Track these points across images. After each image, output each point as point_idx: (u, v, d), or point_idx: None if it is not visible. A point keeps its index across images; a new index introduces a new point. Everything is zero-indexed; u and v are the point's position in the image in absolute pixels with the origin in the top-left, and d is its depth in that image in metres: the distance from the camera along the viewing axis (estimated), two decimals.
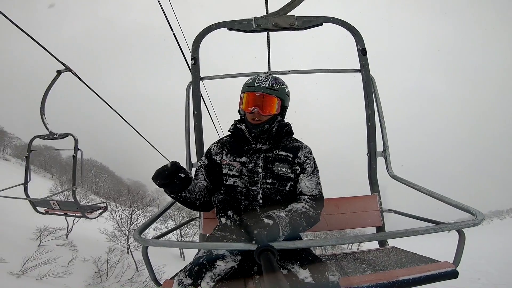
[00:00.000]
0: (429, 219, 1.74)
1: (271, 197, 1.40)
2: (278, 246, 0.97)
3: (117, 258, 16.02)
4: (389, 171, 2.00)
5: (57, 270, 12.99)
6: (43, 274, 12.43)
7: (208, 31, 2.13)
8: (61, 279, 12.82)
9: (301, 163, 1.48)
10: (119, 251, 17.16)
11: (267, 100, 1.45)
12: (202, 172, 1.55)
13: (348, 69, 2.27)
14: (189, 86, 2.18)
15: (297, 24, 2.05)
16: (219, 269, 1.13)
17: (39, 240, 15.40)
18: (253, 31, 2.10)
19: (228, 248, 1.18)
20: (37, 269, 12.45)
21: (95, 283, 14.51)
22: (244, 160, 1.46)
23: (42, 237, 15.39)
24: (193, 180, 1.36)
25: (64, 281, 12.85)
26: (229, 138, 1.60)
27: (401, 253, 1.75)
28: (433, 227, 1.14)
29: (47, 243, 15.14)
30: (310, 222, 1.31)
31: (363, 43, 2.10)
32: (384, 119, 2.09)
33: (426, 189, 1.62)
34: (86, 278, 14.47)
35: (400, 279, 1.30)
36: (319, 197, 1.42)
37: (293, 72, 2.26)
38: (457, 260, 1.35)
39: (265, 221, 1.10)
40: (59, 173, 61.63)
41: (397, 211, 2.06)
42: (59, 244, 15.59)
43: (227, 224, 1.43)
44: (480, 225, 1.18)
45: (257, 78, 1.49)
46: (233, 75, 2.30)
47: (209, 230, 1.93)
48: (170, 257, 21.46)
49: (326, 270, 1.16)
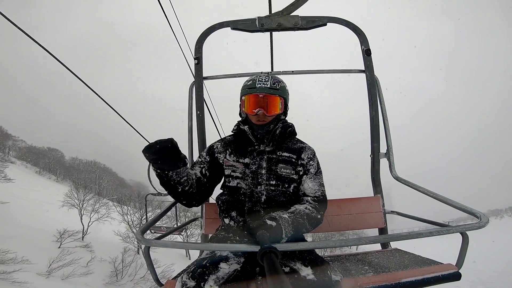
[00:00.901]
0: (433, 221, 1.73)
1: (275, 199, 1.40)
2: (281, 248, 0.97)
3: (131, 258, 17.17)
4: (392, 172, 1.99)
5: (78, 270, 14.02)
6: (66, 275, 13.38)
7: (211, 31, 2.11)
8: (83, 279, 13.87)
9: (304, 165, 1.47)
10: (133, 251, 18.37)
11: (271, 101, 1.44)
12: (200, 165, 1.49)
13: (352, 69, 2.25)
14: (192, 86, 2.17)
15: (301, 24, 2.04)
16: (222, 272, 1.13)
17: (59, 242, 16.51)
18: (256, 31, 2.08)
19: (231, 249, 1.17)
20: (61, 270, 13.43)
21: (112, 281, 15.51)
22: (248, 162, 1.45)
23: (62, 239, 16.58)
24: (186, 165, 1.29)
25: (85, 280, 13.91)
26: (232, 138, 1.59)
27: (403, 254, 1.74)
28: (436, 230, 1.13)
29: (66, 245, 16.32)
30: (313, 223, 1.31)
31: (367, 44, 2.09)
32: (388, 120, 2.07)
33: (429, 191, 1.61)
34: (104, 277, 15.49)
35: (403, 281, 1.29)
36: (322, 199, 1.42)
37: (296, 72, 2.25)
38: (460, 262, 1.34)
39: (268, 222, 1.10)
40: (63, 175, 63.62)
41: (400, 212, 2.05)
42: (78, 246, 16.83)
43: (230, 225, 1.43)
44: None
45: (257, 79, 1.47)
46: (235, 75, 2.29)
47: (211, 230, 1.93)
48: (177, 256, 22.21)
49: (328, 269, 1.16)
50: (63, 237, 16.57)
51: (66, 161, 72.39)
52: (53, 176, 62.05)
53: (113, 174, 73.97)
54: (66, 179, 62.55)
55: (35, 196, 27.64)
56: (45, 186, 29.97)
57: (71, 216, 19.97)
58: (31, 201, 25.28)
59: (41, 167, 60.37)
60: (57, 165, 66.63)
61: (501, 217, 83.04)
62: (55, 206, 24.06)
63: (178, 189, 1.31)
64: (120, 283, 15.63)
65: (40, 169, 60.00)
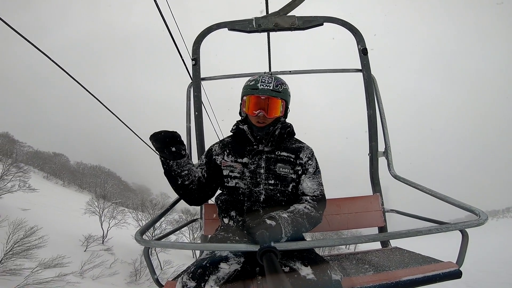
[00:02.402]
0: (432, 219, 1.73)
1: (274, 198, 1.40)
2: (280, 247, 0.97)
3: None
4: (391, 171, 1.99)
5: (104, 271, 16.53)
6: (96, 275, 15.83)
7: (208, 32, 2.12)
8: (109, 279, 16.41)
9: (303, 164, 1.47)
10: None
11: (273, 103, 1.44)
12: (200, 168, 1.54)
13: (349, 69, 2.26)
14: (189, 87, 2.17)
15: (297, 24, 2.05)
16: (223, 272, 1.12)
17: (85, 246, 19.31)
18: (253, 31, 2.09)
19: (230, 249, 1.17)
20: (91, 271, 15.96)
21: (132, 281, 17.95)
22: (246, 161, 1.45)
23: (88, 244, 19.42)
24: (188, 159, 1.38)
25: (111, 280, 16.48)
26: (231, 139, 1.59)
27: (403, 253, 1.74)
28: (436, 227, 1.13)
29: (91, 249, 19.12)
30: (312, 222, 1.31)
31: (364, 43, 2.10)
32: (386, 119, 2.08)
33: (428, 188, 1.61)
34: (125, 277, 17.80)
35: (403, 280, 1.29)
36: (321, 198, 1.42)
37: (294, 72, 2.25)
38: (461, 260, 1.34)
39: (267, 222, 1.10)
40: (69, 179, 64.91)
41: (399, 211, 2.05)
42: (102, 249, 19.68)
43: (229, 225, 1.43)
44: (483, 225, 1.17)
45: (260, 79, 1.46)
46: (233, 76, 2.29)
47: (210, 231, 1.93)
48: (186, 257, 23.91)
49: (328, 269, 1.15)
50: (88, 241, 19.29)
51: (71, 166, 72.96)
52: (60, 181, 62.76)
53: (117, 178, 75.04)
54: (72, 184, 64.53)
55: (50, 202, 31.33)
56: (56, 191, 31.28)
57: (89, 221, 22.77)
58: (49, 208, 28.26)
59: (47, 172, 60.66)
60: (63, 170, 67.59)
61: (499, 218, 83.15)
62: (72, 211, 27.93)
63: (178, 181, 1.37)
64: (139, 282, 17.88)
65: (47, 174, 60.18)
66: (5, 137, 60.56)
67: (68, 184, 63.08)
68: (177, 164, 1.33)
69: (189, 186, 1.40)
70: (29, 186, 22.32)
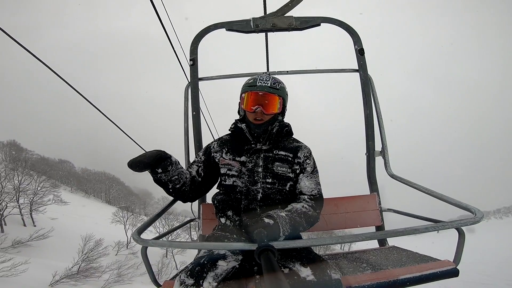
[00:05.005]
0: (429, 218, 1.73)
1: (271, 197, 1.40)
2: (278, 246, 0.97)
3: (167, 261, 24.00)
4: (388, 170, 2.00)
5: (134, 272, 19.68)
6: (129, 276, 19.05)
7: (206, 32, 2.12)
8: (139, 278, 19.47)
9: (300, 163, 1.48)
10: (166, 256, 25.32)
11: (270, 99, 1.46)
12: (197, 165, 1.53)
13: (346, 69, 2.28)
14: (187, 87, 2.17)
15: (295, 25, 2.06)
16: (221, 269, 1.13)
17: (116, 251, 23.48)
18: (251, 31, 2.10)
19: (228, 248, 1.17)
20: (126, 272, 19.20)
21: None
22: (244, 160, 1.46)
23: (119, 249, 23.92)
24: (176, 165, 1.35)
25: (140, 279, 19.49)
26: (229, 137, 1.60)
27: (401, 252, 1.74)
28: (432, 226, 1.13)
29: (121, 253, 23.45)
30: (310, 221, 1.31)
31: (360, 43, 2.11)
32: (383, 118, 2.09)
33: (424, 187, 1.62)
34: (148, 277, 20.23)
35: (400, 278, 1.29)
36: (318, 197, 1.42)
37: (291, 72, 2.26)
38: (458, 259, 1.34)
39: (265, 220, 1.10)
40: (76, 185, 66.27)
41: (396, 210, 2.06)
42: (129, 254, 23.71)
43: (226, 224, 1.43)
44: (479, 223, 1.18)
45: (258, 78, 1.50)
46: (231, 76, 2.29)
47: (208, 230, 1.93)
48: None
49: (327, 268, 1.15)
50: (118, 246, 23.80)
51: (77, 172, 73.39)
52: (67, 187, 62.98)
53: (121, 184, 75.07)
54: (79, 190, 65.51)
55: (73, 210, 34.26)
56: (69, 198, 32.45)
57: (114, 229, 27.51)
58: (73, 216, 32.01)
59: (56, 179, 60.49)
60: (70, 176, 68.47)
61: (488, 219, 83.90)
62: (102, 221, 32.06)
63: (169, 186, 1.36)
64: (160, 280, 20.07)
65: (56, 180, 60.29)
66: (13, 145, 60.63)
67: (75, 190, 63.66)
68: (165, 174, 1.31)
69: (181, 189, 1.40)
70: (61, 199, 26.80)
